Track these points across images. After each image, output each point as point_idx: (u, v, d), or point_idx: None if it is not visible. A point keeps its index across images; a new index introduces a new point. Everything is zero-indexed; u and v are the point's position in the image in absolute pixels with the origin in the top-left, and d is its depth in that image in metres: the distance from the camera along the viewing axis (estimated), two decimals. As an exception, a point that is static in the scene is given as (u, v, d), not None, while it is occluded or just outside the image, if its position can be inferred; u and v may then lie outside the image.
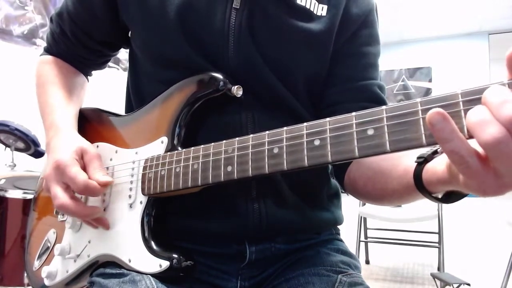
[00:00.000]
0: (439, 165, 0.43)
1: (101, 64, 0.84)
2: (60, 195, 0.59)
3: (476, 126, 0.33)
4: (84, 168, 0.62)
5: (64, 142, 0.64)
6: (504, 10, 5.88)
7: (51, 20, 0.78)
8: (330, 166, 0.73)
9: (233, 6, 0.63)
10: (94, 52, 0.79)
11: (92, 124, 0.76)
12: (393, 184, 0.55)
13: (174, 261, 0.56)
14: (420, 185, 0.46)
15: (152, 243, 0.59)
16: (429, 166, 0.45)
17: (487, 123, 0.32)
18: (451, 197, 0.46)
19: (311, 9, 0.66)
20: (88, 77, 0.85)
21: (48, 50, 0.80)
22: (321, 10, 0.66)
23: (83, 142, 0.65)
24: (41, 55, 0.81)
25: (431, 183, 0.45)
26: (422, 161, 0.46)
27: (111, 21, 0.72)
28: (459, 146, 0.34)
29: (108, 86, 2.90)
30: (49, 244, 0.73)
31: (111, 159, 0.68)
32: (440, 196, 0.46)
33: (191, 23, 0.63)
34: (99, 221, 0.63)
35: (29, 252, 0.77)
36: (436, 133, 0.34)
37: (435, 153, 0.46)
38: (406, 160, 0.52)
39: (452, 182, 0.41)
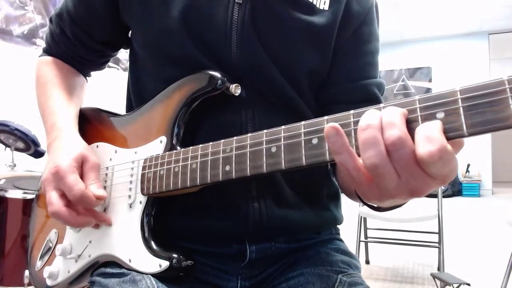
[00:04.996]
0: None
1: (100, 64, 0.84)
2: (55, 202, 0.58)
3: (360, 146, 0.38)
4: (82, 176, 0.61)
5: (65, 147, 0.64)
6: (504, 10, 5.88)
7: (50, 20, 0.77)
8: (329, 165, 0.73)
9: (236, 1, 0.62)
10: (94, 52, 0.78)
11: (92, 124, 0.76)
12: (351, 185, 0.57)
13: (174, 261, 0.56)
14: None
15: (152, 243, 0.59)
16: None
17: (369, 144, 0.37)
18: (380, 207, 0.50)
19: (314, 2, 0.66)
20: (87, 77, 0.85)
21: (47, 51, 0.80)
22: (324, 4, 0.66)
23: (84, 149, 0.65)
24: (40, 56, 0.81)
25: None
26: None
27: (112, 20, 0.71)
28: (346, 159, 0.39)
29: (108, 86, 2.90)
30: (50, 244, 0.73)
31: (110, 159, 0.68)
32: (375, 205, 0.51)
33: (194, 20, 0.62)
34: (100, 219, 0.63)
35: (32, 252, 0.77)
36: (329, 144, 0.39)
37: None
38: None
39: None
